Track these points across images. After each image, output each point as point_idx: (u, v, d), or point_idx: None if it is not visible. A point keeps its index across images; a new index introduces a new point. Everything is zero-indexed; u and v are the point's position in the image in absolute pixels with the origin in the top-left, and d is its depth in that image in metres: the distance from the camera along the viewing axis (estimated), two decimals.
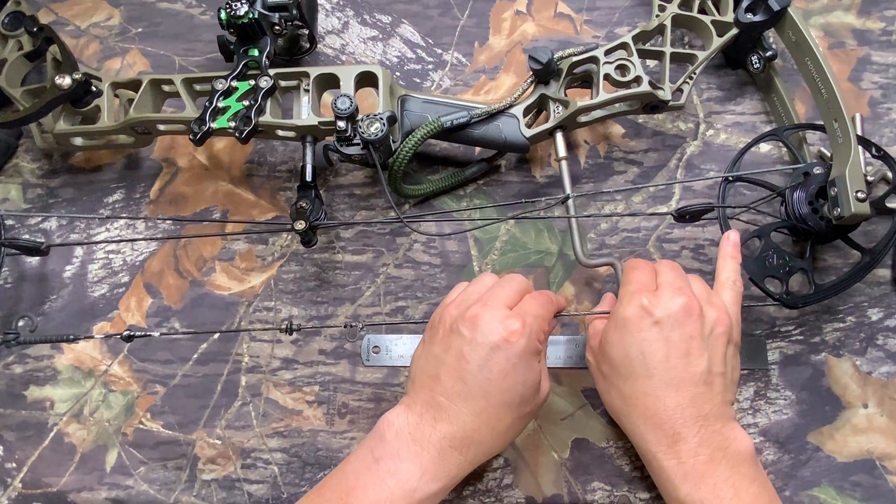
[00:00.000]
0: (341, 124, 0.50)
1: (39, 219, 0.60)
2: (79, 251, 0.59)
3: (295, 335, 0.56)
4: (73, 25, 0.65)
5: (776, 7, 0.53)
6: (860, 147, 0.50)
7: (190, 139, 0.51)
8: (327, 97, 0.56)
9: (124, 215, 0.59)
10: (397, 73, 0.62)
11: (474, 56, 0.62)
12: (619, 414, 0.46)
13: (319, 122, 0.52)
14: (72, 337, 0.50)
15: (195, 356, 0.56)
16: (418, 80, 0.62)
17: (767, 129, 0.59)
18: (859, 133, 0.56)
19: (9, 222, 0.60)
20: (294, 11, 0.55)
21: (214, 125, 0.51)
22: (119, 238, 0.59)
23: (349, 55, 0.63)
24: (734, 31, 0.54)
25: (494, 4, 0.63)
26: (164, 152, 0.61)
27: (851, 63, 0.60)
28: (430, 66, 0.62)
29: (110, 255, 0.59)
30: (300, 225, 0.50)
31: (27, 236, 0.59)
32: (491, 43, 0.63)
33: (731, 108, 0.60)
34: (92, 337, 0.51)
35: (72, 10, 0.65)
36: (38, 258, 0.58)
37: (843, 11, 0.61)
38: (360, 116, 0.51)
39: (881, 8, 0.61)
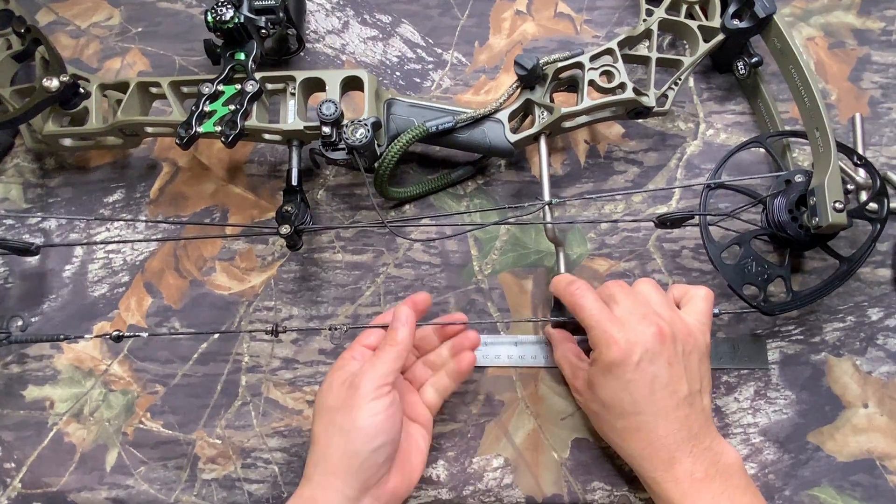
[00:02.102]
0: (326, 129, 0.50)
1: (38, 218, 0.60)
2: (78, 250, 0.59)
3: (295, 335, 0.56)
4: (73, 25, 0.65)
5: (762, 14, 0.53)
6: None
7: (177, 143, 0.51)
8: (322, 95, 0.56)
9: (123, 216, 0.59)
10: (397, 73, 0.62)
11: (474, 56, 0.62)
12: (615, 444, 0.48)
13: (305, 127, 0.52)
14: (62, 336, 0.49)
15: (195, 356, 0.56)
16: (418, 80, 0.62)
17: None
18: (860, 133, 0.56)
19: (9, 221, 0.60)
20: (281, 14, 0.55)
21: (201, 129, 0.51)
22: (118, 239, 0.59)
23: (349, 55, 0.63)
24: (720, 36, 0.55)
25: (494, 4, 0.64)
26: (163, 152, 0.61)
27: (851, 63, 0.60)
28: (430, 66, 0.62)
29: (110, 255, 0.59)
30: (285, 229, 0.50)
31: (27, 236, 0.59)
32: (491, 43, 0.63)
33: (732, 107, 0.60)
34: (82, 337, 0.51)
35: (72, 10, 0.65)
36: (37, 257, 0.58)
37: (843, 11, 0.61)
38: (345, 122, 0.51)
39: (881, 8, 0.61)
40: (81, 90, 0.55)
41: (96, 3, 0.65)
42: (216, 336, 0.56)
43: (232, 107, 0.52)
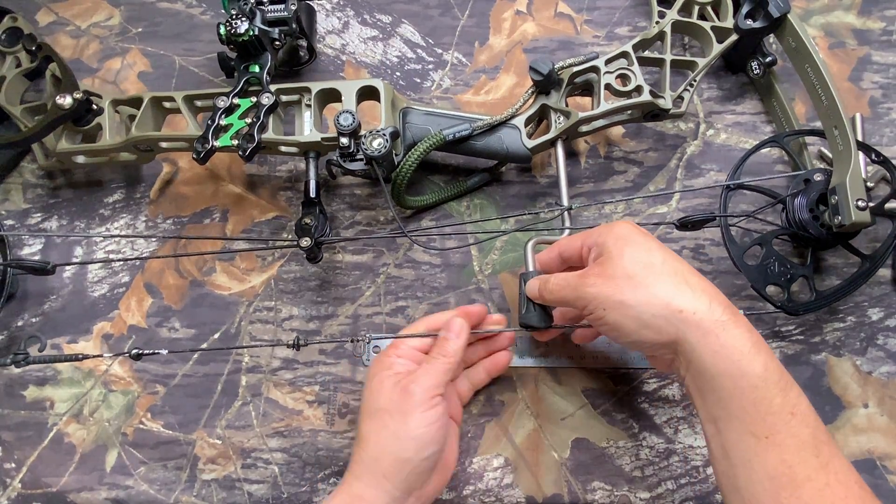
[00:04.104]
0: (344, 140, 0.50)
1: (39, 218, 0.60)
2: (79, 251, 0.59)
3: (294, 334, 0.56)
4: (74, 25, 0.65)
5: (776, 13, 0.53)
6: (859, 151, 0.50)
7: (193, 158, 0.51)
8: (337, 105, 0.56)
9: (124, 234, 0.59)
10: (397, 73, 0.62)
11: (474, 56, 0.62)
12: (656, 314, 0.40)
13: (323, 138, 0.52)
14: (81, 356, 0.49)
15: (195, 356, 0.56)
16: (418, 80, 0.62)
17: (768, 129, 0.59)
18: (860, 133, 0.56)
19: (9, 222, 0.60)
20: (294, 25, 0.55)
21: (218, 144, 0.51)
22: (123, 245, 0.59)
23: (349, 55, 0.63)
24: (734, 37, 0.54)
25: (495, 4, 0.63)
26: (164, 153, 0.61)
27: (852, 63, 0.60)
28: (431, 66, 0.62)
29: (110, 255, 0.59)
30: (305, 242, 0.50)
31: (27, 237, 0.59)
32: (491, 43, 0.63)
33: (732, 108, 0.60)
34: (100, 356, 0.51)
35: (72, 10, 0.65)
36: (37, 258, 0.58)
37: (844, 11, 0.61)
38: (362, 132, 0.50)
39: (881, 8, 0.61)
40: (94, 107, 0.54)
41: (96, 3, 0.65)
42: (216, 336, 0.56)
43: (248, 120, 0.51)
